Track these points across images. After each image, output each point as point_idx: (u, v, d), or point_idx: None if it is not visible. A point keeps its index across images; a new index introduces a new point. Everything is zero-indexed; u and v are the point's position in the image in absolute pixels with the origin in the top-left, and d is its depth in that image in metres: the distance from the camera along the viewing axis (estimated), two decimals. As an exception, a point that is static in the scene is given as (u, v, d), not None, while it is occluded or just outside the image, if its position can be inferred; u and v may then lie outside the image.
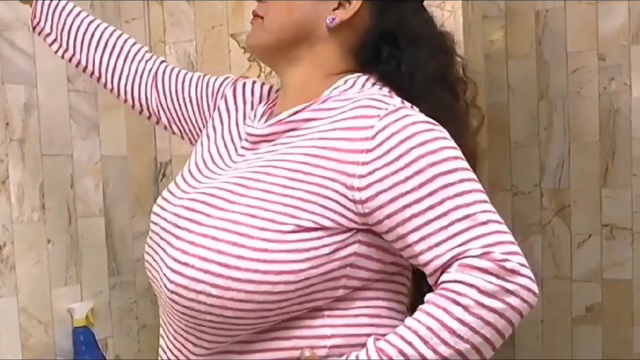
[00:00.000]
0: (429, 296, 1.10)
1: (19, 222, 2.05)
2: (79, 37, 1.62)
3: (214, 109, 1.47)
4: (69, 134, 2.23)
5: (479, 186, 1.13)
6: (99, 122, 2.34)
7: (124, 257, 2.44)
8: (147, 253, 1.29)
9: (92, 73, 1.65)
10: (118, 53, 1.61)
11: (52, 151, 2.16)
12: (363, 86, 1.25)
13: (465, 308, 1.05)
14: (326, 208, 1.13)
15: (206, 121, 1.49)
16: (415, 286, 1.29)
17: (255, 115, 1.34)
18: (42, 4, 1.63)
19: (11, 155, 2.03)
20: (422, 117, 1.16)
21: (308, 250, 1.12)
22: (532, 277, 1.10)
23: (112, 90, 1.64)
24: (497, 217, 1.12)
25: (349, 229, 1.14)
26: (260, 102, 1.42)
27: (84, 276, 2.26)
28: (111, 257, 2.39)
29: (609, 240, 2.78)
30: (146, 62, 1.62)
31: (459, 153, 1.14)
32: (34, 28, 1.67)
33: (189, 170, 1.35)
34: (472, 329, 1.05)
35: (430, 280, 1.14)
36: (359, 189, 1.12)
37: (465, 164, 1.14)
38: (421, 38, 1.28)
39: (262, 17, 1.29)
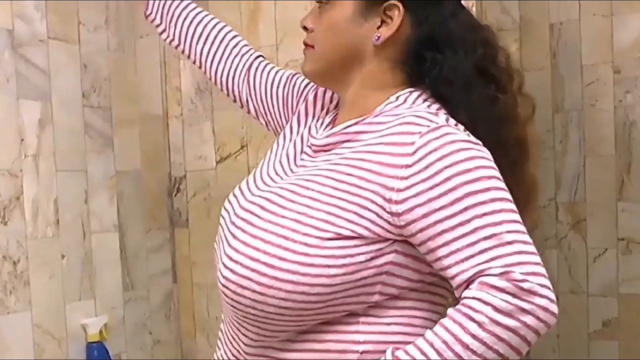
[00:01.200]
0: (449, 311, 1.14)
1: (33, 237, 2.06)
2: (184, 29, 1.72)
3: (296, 109, 1.54)
4: (83, 150, 2.24)
5: (510, 206, 1.16)
6: (113, 138, 2.35)
7: (138, 272, 2.45)
8: (215, 248, 1.40)
9: (194, 62, 1.74)
10: (217, 46, 1.70)
11: (67, 167, 2.17)
12: (414, 102, 1.30)
13: (480, 324, 1.09)
14: (364, 218, 1.19)
15: (289, 118, 1.57)
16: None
17: (321, 125, 1.43)
18: None
19: (26, 171, 2.04)
20: (462, 136, 1.20)
21: (344, 257, 1.19)
22: (552, 297, 1.12)
23: (210, 78, 1.74)
24: (524, 237, 1.15)
25: (386, 239, 1.20)
26: (327, 113, 1.48)
27: (98, 291, 2.27)
28: (125, 272, 2.39)
29: (626, 254, 2.75)
30: (242, 56, 1.69)
31: (494, 172, 1.18)
32: (146, 17, 1.79)
33: (261, 170, 1.44)
34: (485, 344, 1.09)
35: (456, 294, 1.17)
36: (396, 202, 1.17)
37: (499, 184, 1.17)
38: (460, 39, 1.32)
39: (312, 46, 1.38)
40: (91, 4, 2.25)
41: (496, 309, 1.08)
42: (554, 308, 1.11)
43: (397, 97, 1.31)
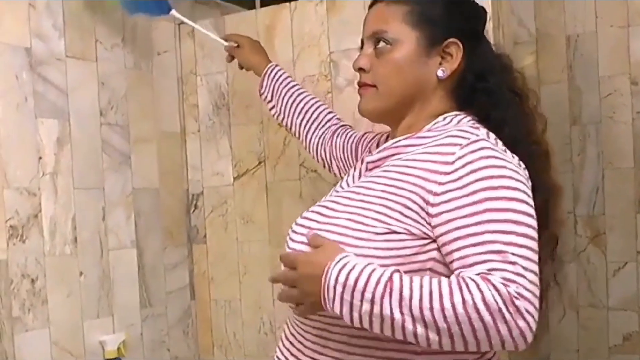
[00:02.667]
0: (452, 277, 1.23)
1: (51, 255, 2.07)
2: (289, 105, 2.04)
3: (360, 158, 1.67)
4: (100, 167, 2.25)
5: (523, 229, 1.24)
6: (130, 155, 2.36)
7: (156, 289, 2.45)
8: None
9: (294, 133, 2.05)
10: (314, 120, 2.01)
11: (84, 184, 2.18)
12: (459, 122, 1.43)
13: (464, 301, 1.18)
14: (408, 217, 1.31)
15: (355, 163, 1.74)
16: None
17: (374, 150, 1.59)
18: (269, 78, 2.08)
19: (44, 189, 2.05)
20: (498, 152, 1.32)
21: (392, 249, 1.30)
22: (533, 326, 1.20)
23: (305, 146, 2.05)
24: (528, 263, 1.23)
25: (428, 237, 1.30)
26: (378, 145, 1.65)
27: (115, 308, 2.27)
28: (143, 289, 2.39)
29: (646, 268, 2.74)
30: (331, 126, 2.00)
31: (518, 194, 1.27)
32: (260, 95, 2.10)
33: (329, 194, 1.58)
34: (456, 318, 1.18)
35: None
36: (432, 205, 1.29)
37: (520, 206, 1.26)
38: (497, 67, 1.50)
39: (373, 86, 1.48)
40: (108, 22, 2.26)
41: (484, 299, 1.17)
42: (529, 336, 1.20)
43: (445, 118, 1.44)
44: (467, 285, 1.19)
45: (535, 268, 1.23)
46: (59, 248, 2.09)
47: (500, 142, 1.37)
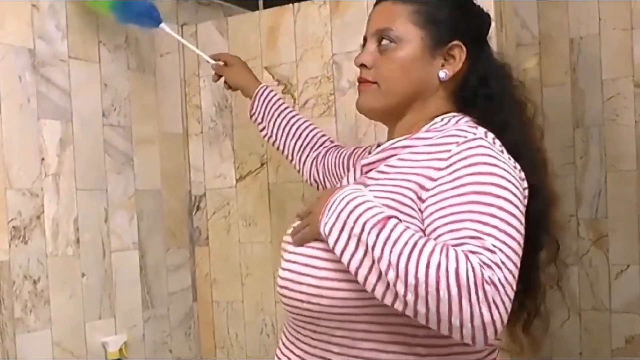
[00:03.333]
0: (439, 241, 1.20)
1: (54, 256, 2.07)
2: (281, 128, 2.02)
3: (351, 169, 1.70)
4: (103, 169, 2.25)
5: (505, 227, 1.21)
6: (133, 156, 2.36)
7: (158, 291, 2.45)
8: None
9: (287, 156, 2.04)
10: (307, 142, 2.00)
11: (87, 186, 2.18)
12: (457, 122, 1.42)
13: (439, 264, 1.14)
14: (406, 214, 1.29)
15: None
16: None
17: (371, 153, 1.55)
18: (259, 99, 2.04)
19: (46, 190, 2.05)
20: (494, 151, 1.30)
21: None
22: (497, 321, 1.14)
23: (298, 170, 2.03)
24: (507, 259, 1.18)
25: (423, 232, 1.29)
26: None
27: (117, 310, 2.27)
28: (145, 291, 2.39)
29: (648, 270, 2.73)
30: (323, 147, 1.99)
31: (506, 193, 1.24)
32: (250, 117, 2.07)
33: None
34: (427, 277, 1.13)
35: None
36: (423, 200, 1.28)
37: (507, 205, 1.23)
38: (497, 72, 1.49)
39: (374, 83, 1.47)
40: (111, 23, 2.26)
41: (457, 270, 1.13)
42: (491, 332, 1.14)
43: (442, 119, 1.43)
44: (447, 252, 1.15)
45: (515, 270, 1.18)
46: (61, 249, 2.09)
47: (498, 142, 1.35)
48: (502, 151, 1.33)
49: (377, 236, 1.20)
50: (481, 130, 1.35)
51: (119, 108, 2.32)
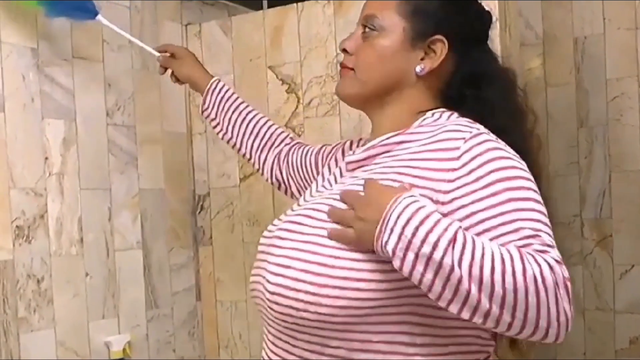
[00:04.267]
0: (507, 246, 1.17)
1: (57, 255, 2.07)
2: (237, 125, 1.92)
3: (326, 166, 1.67)
4: (107, 168, 2.25)
5: (544, 217, 1.23)
6: (137, 156, 2.36)
7: (162, 290, 2.45)
8: (253, 274, 1.43)
9: (244, 154, 1.94)
10: (267, 140, 1.91)
11: (91, 185, 2.18)
12: (449, 118, 1.38)
13: (524, 270, 1.12)
14: None
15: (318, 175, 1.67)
16: None
17: (353, 152, 1.49)
18: (212, 95, 1.95)
19: (50, 190, 2.05)
20: (501, 144, 1.29)
21: None
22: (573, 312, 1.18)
23: (258, 169, 1.94)
24: (556, 249, 1.20)
25: None
26: (360, 147, 1.55)
27: (121, 309, 2.27)
28: (149, 290, 2.39)
29: (653, 271, 2.73)
30: (285, 145, 1.90)
31: (530, 182, 1.25)
32: (202, 112, 1.98)
33: (297, 203, 1.50)
34: (515, 286, 1.12)
35: None
36: (443, 203, 1.23)
37: (536, 195, 1.24)
38: (494, 77, 1.44)
39: (352, 69, 1.44)
40: (115, 23, 2.25)
41: (542, 273, 1.13)
42: (571, 324, 1.17)
43: (433, 114, 1.39)
44: (526, 257, 1.14)
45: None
46: (64, 248, 2.09)
47: (498, 138, 1.32)
48: (505, 145, 1.30)
49: (452, 254, 1.13)
50: (482, 127, 1.32)
51: (123, 107, 2.32)
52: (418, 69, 1.40)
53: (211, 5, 2.72)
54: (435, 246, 1.14)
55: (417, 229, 1.15)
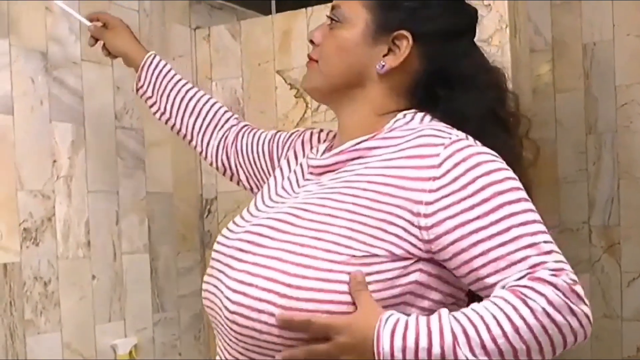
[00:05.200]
0: (498, 292, 1.12)
1: (64, 258, 2.07)
2: (177, 103, 1.77)
3: (284, 159, 1.54)
4: (115, 171, 2.25)
5: (538, 217, 1.17)
6: (144, 159, 2.37)
7: (168, 294, 2.45)
8: (206, 282, 1.34)
9: (185, 136, 1.80)
10: (210, 120, 1.76)
11: (98, 188, 2.19)
12: (422, 120, 1.30)
13: (532, 311, 1.08)
14: (390, 233, 1.17)
15: (275, 169, 1.57)
16: None
17: (317, 151, 1.42)
18: (147, 70, 1.79)
19: (58, 192, 2.06)
20: (484, 148, 1.21)
21: (372, 273, 1.16)
22: (590, 309, 1.13)
23: (200, 152, 1.79)
24: (557, 248, 1.16)
25: (412, 256, 1.18)
26: (323, 144, 1.47)
27: (128, 312, 2.27)
28: (155, 294, 2.39)
29: (661, 279, 2.72)
30: (231, 127, 1.76)
31: (520, 184, 1.18)
32: (137, 90, 1.83)
33: (254, 205, 1.41)
34: (532, 332, 1.08)
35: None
36: (426, 215, 1.16)
37: (526, 195, 1.18)
38: (471, 78, 1.32)
39: (316, 61, 1.36)
40: (124, 26, 2.26)
41: (549, 301, 1.08)
42: (592, 318, 1.13)
43: (405, 115, 1.31)
44: (525, 295, 1.08)
45: (560, 252, 1.16)
46: (71, 251, 2.10)
47: (479, 142, 1.23)
48: (487, 149, 1.22)
49: (460, 348, 1.08)
50: (461, 133, 1.24)
51: (131, 111, 2.33)
52: (378, 66, 1.30)
53: (220, 9, 2.72)
54: (443, 353, 1.08)
55: (416, 351, 1.09)
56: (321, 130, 1.57)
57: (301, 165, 1.43)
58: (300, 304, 1.14)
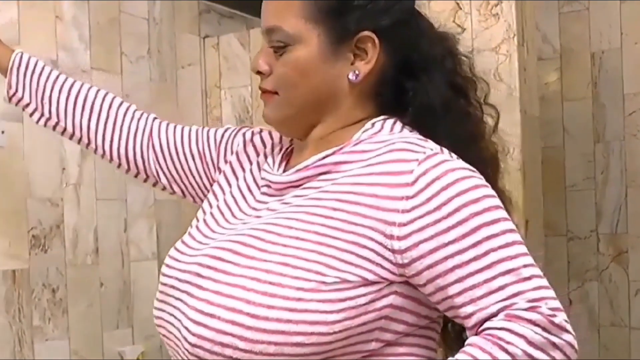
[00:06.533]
0: (473, 339, 1.04)
1: (73, 265, 2.08)
2: (62, 103, 1.50)
3: (225, 163, 1.39)
4: (123, 179, 2.26)
5: (519, 237, 1.08)
6: (153, 166, 2.37)
7: (176, 301, 2.45)
8: (159, 309, 1.23)
9: (80, 139, 1.51)
10: (106, 116, 1.50)
11: (107, 195, 2.19)
12: (392, 129, 1.19)
13: (512, 356, 1.00)
14: (364, 258, 1.07)
15: (211, 176, 1.42)
16: (442, 340, 1.25)
17: (274, 163, 1.27)
18: (18, 72, 1.51)
19: (66, 200, 2.07)
20: (460, 163, 1.12)
21: (344, 300, 1.06)
22: (574, 334, 1.05)
23: (103, 155, 1.51)
24: (538, 271, 1.07)
25: (385, 279, 1.08)
26: (273, 150, 1.34)
27: (135, 319, 2.28)
28: (163, 301, 2.39)
29: (669, 287, 2.72)
30: (138, 121, 1.51)
31: (498, 201, 1.09)
32: (10, 99, 1.53)
33: (205, 223, 1.27)
34: None
35: (470, 332, 1.09)
36: (399, 238, 1.06)
37: (505, 213, 1.09)
38: (431, 57, 1.22)
39: (274, 92, 1.21)
40: (133, 35, 2.28)
41: (529, 342, 1.00)
42: (576, 345, 1.05)
43: (373, 124, 1.19)
44: (502, 338, 1.01)
45: (542, 276, 1.06)
46: (80, 258, 2.10)
47: (454, 155, 1.14)
48: (462, 162, 1.13)
49: None
50: (432, 144, 1.14)
51: (140, 118, 2.33)
52: (351, 76, 1.17)
53: (229, 17, 2.73)
54: None
55: None
56: (261, 130, 1.40)
57: (252, 175, 1.31)
58: (267, 336, 1.03)
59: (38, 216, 1.99)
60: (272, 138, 1.37)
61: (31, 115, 1.52)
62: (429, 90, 1.20)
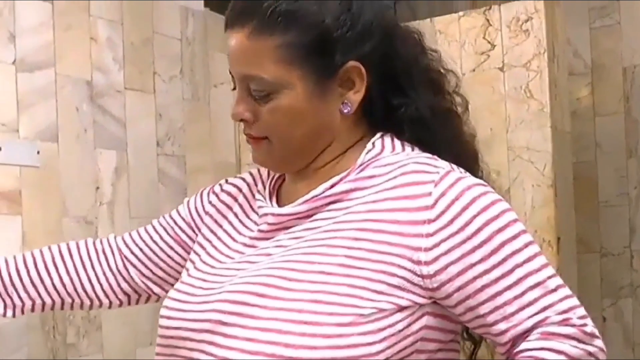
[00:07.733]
0: None
1: (108, 283, 2.09)
2: (25, 281, 1.39)
3: (203, 224, 1.34)
4: (157, 197, 2.28)
5: (538, 248, 1.11)
6: (186, 186, 2.39)
7: (209, 318, 2.46)
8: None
9: (63, 303, 1.42)
10: (73, 265, 1.42)
11: (141, 214, 2.21)
12: (393, 147, 1.18)
13: None
14: (395, 287, 1.07)
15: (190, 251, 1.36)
16: None
17: (264, 199, 1.24)
18: None
19: (100, 218, 2.09)
20: (473, 179, 1.13)
21: (384, 329, 1.05)
22: (600, 337, 1.10)
23: (91, 304, 1.43)
24: (560, 280, 1.10)
25: (415, 303, 1.08)
26: (252, 190, 1.32)
27: (169, 336, 2.29)
28: (196, 318, 2.41)
29: None
30: (103, 252, 1.44)
31: (515, 214, 1.11)
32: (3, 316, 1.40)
33: (198, 270, 1.23)
34: None
35: (502, 349, 1.11)
36: (427, 263, 1.06)
37: (522, 225, 1.11)
38: (411, 63, 1.20)
39: (264, 138, 1.17)
40: (166, 55, 2.30)
41: (570, 357, 1.05)
42: (605, 349, 1.10)
43: (373, 144, 1.17)
44: (544, 359, 1.04)
45: (567, 287, 1.10)
46: (115, 276, 2.12)
47: (463, 170, 1.15)
48: (476, 179, 1.14)
49: None
50: (442, 162, 1.14)
51: (174, 138, 2.36)
52: (345, 110, 1.15)
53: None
54: None
55: None
56: (226, 181, 1.39)
57: (238, 218, 1.27)
58: None
59: (73, 235, 2.01)
60: (245, 181, 1.35)
61: (4, 315, 1.39)
62: (417, 103, 1.19)
